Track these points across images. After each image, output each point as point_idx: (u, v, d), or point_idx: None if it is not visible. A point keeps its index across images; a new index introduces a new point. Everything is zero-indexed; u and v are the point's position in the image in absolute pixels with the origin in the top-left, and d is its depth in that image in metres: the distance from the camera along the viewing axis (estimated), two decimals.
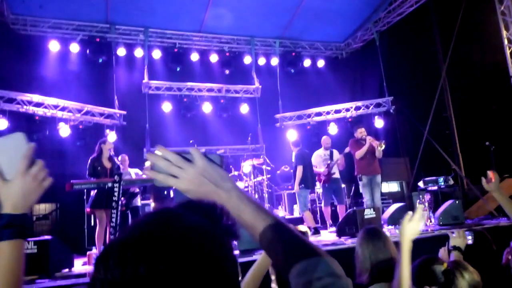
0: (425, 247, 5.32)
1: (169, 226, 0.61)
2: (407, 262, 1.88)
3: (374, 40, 10.91)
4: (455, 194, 8.06)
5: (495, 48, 7.95)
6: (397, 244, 2.30)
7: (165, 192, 9.11)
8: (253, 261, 1.71)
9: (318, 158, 7.77)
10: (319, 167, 7.68)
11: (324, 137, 8.08)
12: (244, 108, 10.72)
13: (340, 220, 6.68)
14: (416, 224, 1.97)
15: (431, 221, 6.72)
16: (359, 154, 7.35)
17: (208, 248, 0.60)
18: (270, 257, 0.84)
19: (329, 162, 7.61)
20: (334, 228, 6.91)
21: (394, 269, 2.00)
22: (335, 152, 7.73)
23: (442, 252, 2.69)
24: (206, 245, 0.60)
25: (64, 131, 8.43)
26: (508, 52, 7.79)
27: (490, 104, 8.19)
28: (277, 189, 9.91)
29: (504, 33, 7.84)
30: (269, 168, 9.05)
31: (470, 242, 2.55)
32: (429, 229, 6.20)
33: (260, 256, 1.70)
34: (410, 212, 2.02)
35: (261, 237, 0.82)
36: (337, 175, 7.63)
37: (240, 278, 1.24)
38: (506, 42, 7.82)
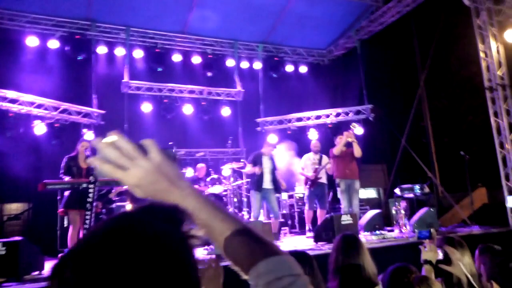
0: (399, 254, 5.39)
1: (128, 233, 0.58)
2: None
3: (355, 48, 11.06)
4: (430, 201, 8.23)
5: (472, 60, 8.17)
6: (372, 251, 2.31)
7: None
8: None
9: (307, 161, 7.80)
10: (306, 171, 7.71)
11: (313, 142, 8.13)
12: (226, 111, 10.68)
13: (317, 225, 6.72)
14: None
15: (406, 228, 6.82)
16: (337, 150, 7.35)
17: (168, 255, 0.58)
18: (229, 257, 0.79)
19: (317, 166, 7.64)
20: (311, 233, 6.95)
21: (364, 278, 2.02)
22: (325, 157, 7.76)
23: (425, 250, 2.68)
24: (166, 251, 0.58)
25: (40, 129, 8.21)
26: (483, 64, 8.01)
27: (466, 115, 8.40)
28: None
29: (480, 46, 8.07)
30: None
31: (440, 257, 2.57)
32: (404, 236, 6.29)
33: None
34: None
35: (227, 241, 0.78)
36: (323, 180, 7.67)
37: (222, 280, 1.21)
38: (482, 54, 8.04)
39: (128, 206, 8.18)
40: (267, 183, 7.25)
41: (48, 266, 5.19)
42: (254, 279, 0.71)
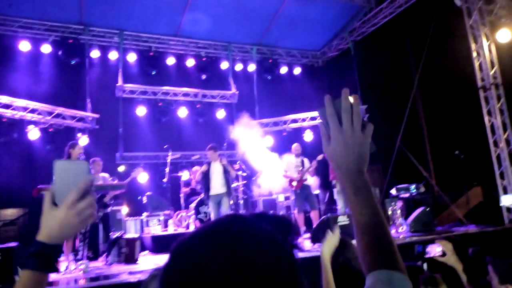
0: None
1: (244, 232, 0.61)
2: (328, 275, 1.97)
3: (349, 49, 11.11)
4: (426, 201, 8.26)
5: (465, 60, 8.22)
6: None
7: (139, 197, 8.93)
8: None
9: (290, 165, 7.80)
10: (290, 173, 7.71)
11: (294, 145, 8.11)
12: (221, 114, 10.67)
13: (314, 226, 6.71)
14: (334, 241, 2.17)
15: (402, 228, 6.84)
16: None
17: (282, 258, 0.60)
18: (361, 244, 0.85)
19: (300, 168, 7.64)
20: (308, 235, 6.94)
21: (357, 282, 2.01)
22: (306, 159, 7.79)
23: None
24: (280, 254, 0.61)
25: (33, 134, 8.16)
26: (476, 64, 8.07)
27: (461, 114, 8.45)
28: (253, 195, 9.88)
29: (473, 45, 8.12)
30: (245, 174, 9.02)
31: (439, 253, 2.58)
32: (400, 236, 6.31)
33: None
34: (330, 232, 2.23)
35: (366, 229, 0.85)
36: (308, 181, 7.67)
37: None
38: (474, 54, 8.10)
39: (124, 210, 8.15)
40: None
41: None
42: (372, 281, 0.78)
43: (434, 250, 2.61)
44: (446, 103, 8.52)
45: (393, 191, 8.21)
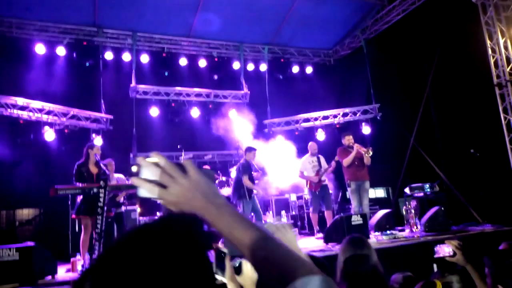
0: (411, 253, 5.35)
1: (148, 247, 0.61)
2: None
3: (361, 47, 11.03)
4: (440, 200, 8.15)
5: (480, 57, 8.10)
6: (383, 251, 2.30)
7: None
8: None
9: (307, 165, 7.78)
10: (307, 174, 7.69)
11: (310, 143, 8.10)
12: (233, 114, 10.70)
13: (327, 226, 6.69)
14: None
15: (417, 228, 6.77)
16: (346, 161, 7.39)
17: (190, 269, 0.61)
18: (261, 271, 0.81)
19: (317, 168, 7.62)
20: (321, 234, 6.92)
21: (373, 281, 2.00)
22: (322, 158, 7.76)
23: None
24: (188, 266, 0.61)
25: (49, 135, 8.30)
26: (492, 61, 7.94)
27: (475, 112, 8.33)
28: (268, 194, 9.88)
29: (488, 42, 8.00)
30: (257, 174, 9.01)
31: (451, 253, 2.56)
32: (415, 236, 6.25)
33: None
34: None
35: (253, 252, 0.79)
36: (326, 181, 7.66)
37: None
38: (490, 51, 7.98)
39: (138, 210, 8.23)
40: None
41: (61, 271, 5.24)
42: None
43: (443, 250, 2.60)
44: (460, 101, 8.39)
45: (407, 190, 8.13)
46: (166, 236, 0.64)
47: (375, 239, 6.10)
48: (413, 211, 7.00)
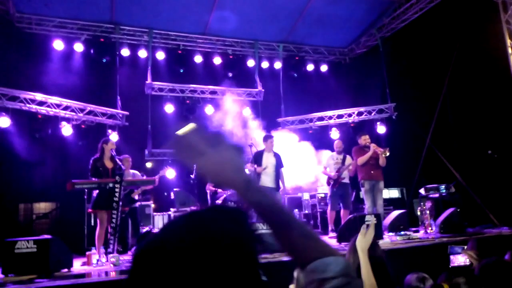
0: (426, 255, 5.29)
1: (201, 231, 0.63)
2: (366, 270, 1.93)
3: (378, 46, 10.92)
4: (456, 201, 8.03)
5: (499, 56, 7.94)
6: (397, 251, 2.29)
7: (165, 193, 9.11)
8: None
9: (330, 161, 7.76)
10: (330, 170, 7.67)
11: (336, 141, 8.08)
12: (246, 111, 10.71)
13: (341, 225, 6.66)
14: (369, 236, 2.14)
15: (432, 229, 6.69)
16: (361, 160, 7.33)
17: (240, 253, 0.62)
18: (285, 248, 0.83)
19: (339, 166, 7.58)
20: (334, 234, 6.90)
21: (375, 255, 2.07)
22: (348, 157, 7.70)
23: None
24: (238, 250, 0.62)
25: (67, 130, 8.44)
26: None
27: (494, 112, 8.17)
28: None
29: (508, 41, 7.84)
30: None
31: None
32: (429, 237, 6.17)
33: None
34: (364, 226, 2.21)
35: (285, 233, 0.81)
36: (346, 180, 7.61)
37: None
38: (510, 50, 7.81)
39: (152, 205, 8.32)
40: (267, 182, 6.99)
41: (77, 264, 5.33)
42: (309, 274, 0.75)
43: (459, 259, 2.57)
44: (478, 101, 8.24)
45: (422, 191, 8.04)
46: (218, 222, 0.65)
47: (389, 239, 6.05)
48: (428, 212, 6.92)
